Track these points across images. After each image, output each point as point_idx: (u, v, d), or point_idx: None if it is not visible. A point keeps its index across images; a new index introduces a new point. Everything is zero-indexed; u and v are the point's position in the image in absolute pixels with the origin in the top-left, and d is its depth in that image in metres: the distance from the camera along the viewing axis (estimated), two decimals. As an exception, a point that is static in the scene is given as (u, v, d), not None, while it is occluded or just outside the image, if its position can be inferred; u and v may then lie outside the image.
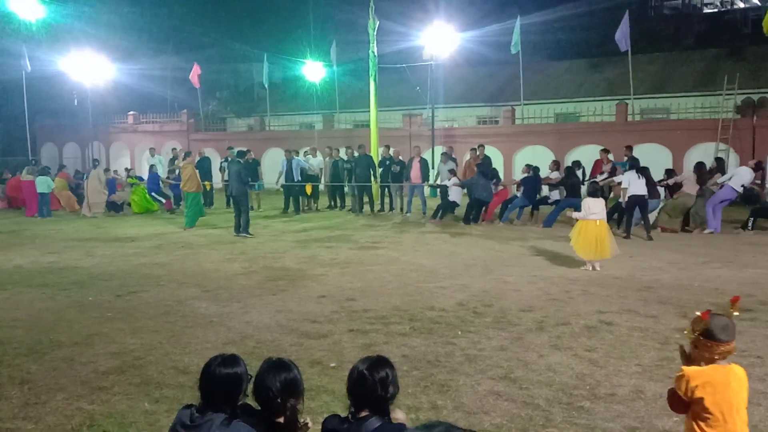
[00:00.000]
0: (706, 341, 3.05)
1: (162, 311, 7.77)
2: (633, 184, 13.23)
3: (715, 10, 47.49)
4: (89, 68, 27.05)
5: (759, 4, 45.40)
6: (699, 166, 14.39)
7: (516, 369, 5.70)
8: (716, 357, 3.05)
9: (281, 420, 2.90)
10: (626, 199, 13.32)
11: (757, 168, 14.10)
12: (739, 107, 21.35)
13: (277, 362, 3.06)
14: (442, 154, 19.51)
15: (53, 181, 19.51)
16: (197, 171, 15.97)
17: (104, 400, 5.10)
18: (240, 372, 2.89)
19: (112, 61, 29.42)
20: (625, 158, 16.92)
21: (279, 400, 2.90)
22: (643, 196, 13.26)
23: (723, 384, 3.02)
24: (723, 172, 14.89)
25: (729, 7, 48.16)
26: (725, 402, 3.02)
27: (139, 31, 36.90)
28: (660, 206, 14.47)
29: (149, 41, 37.22)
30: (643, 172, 14.55)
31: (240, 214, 14.21)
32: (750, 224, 13.71)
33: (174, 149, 24.07)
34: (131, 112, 33.80)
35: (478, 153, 18.41)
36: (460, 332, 6.82)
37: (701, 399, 3.04)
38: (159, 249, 12.58)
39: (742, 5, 48.61)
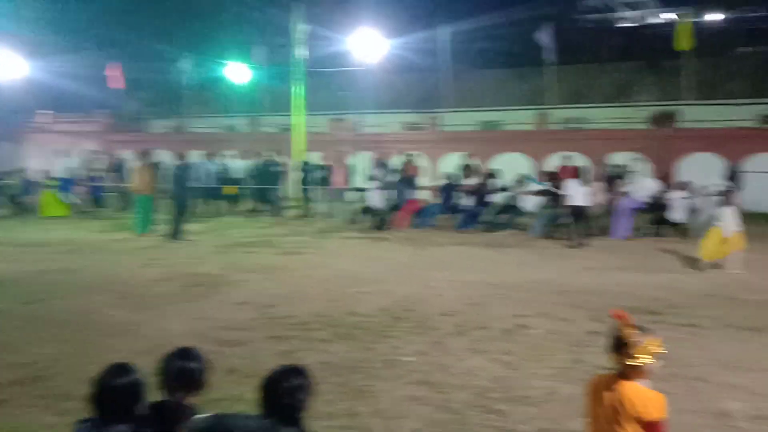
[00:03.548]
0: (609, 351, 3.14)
1: (72, 319, 7.45)
2: (574, 194, 13.32)
3: (632, 24, 49.58)
4: (1, 64, 25.82)
5: (672, 19, 47.64)
6: (606, 176, 14.86)
7: (435, 373, 5.74)
8: (619, 367, 3.09)
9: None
10: (566, 208, 13.46)
11: (663, 180, 14.74)
12: (651, 118, 22.30)
13: (182, 349, 3.00)
14: (373, 160, 19.59)
15: None
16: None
17: (5, 414, 4.86)
18: (137, 378, 2.80)
19: (26, 57, 28.18)
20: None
21: (168, 387, 2.84)
22: (583, 206, 13.35)
23: (604, 392, 3.07)
24: (628, 181, 15.50)
25: (644, 22, 50.37)
26: (600, 410, 3.06)
27: (56, 27, 35.43)
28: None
29: (67, 37, 35.78)
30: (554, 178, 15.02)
31: (177, 219, 13.79)
32: (650, 232, 14.28)
33: (90, 150, 23.23)
34: (46, 111, 32.41)
35: (407, 160, 18.55)
36: (384, 336, 6.86)
37: (588, 399, 3.17)
38: (71, 254, 12.07)
39: (657, 20, 50.91)
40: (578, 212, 13.37)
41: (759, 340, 6.76)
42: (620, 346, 3.01)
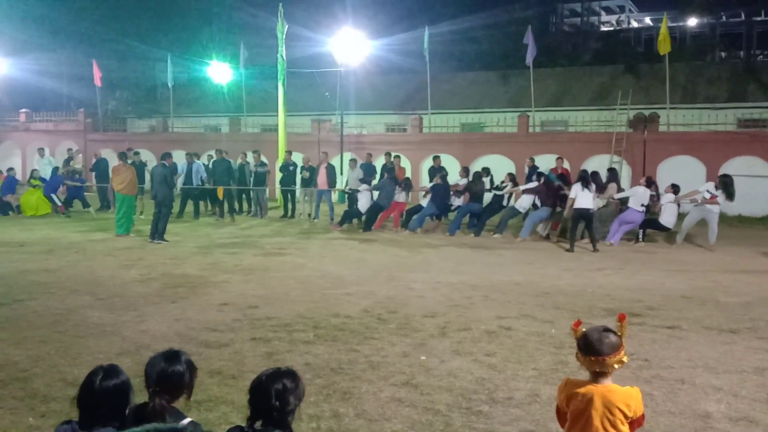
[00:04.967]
0: (577, 353, 3.09)
1: (51, 320, 7.35)
2: (579, 197, 13.18)
3: (612, 28, 50.09)
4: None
5: (651, 24, 48.23)
6: (594, 176, 14.69)
7: (418, 375, 5.74)
8: (591, 370, 3.05)
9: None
10: (571, 211, 13.37)
11: (649, 184, 14.74)
12: (631, 121, 22.50)
13: (167, 352, 2.96)
14: (350, 160, 19.56)
15: None
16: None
17: (-17, 417, 4.77)
18: (125, 380, 2.77)
19: (4, 56, 27.84)
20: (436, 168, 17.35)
21: (151, 390, 2.81)
22: (589, 209, 13.22)
23: (585, 400, 3.01)
24: (617, 182, 15.47)
25: (624, 26, 50.92)
26: (585, 418, 3.01)
27: (35, 24, 35.02)
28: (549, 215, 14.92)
29: (45, 35, 35.39)
30: (548, 179, 14.99)
31: (159, 220, 13.70)
32: (641, 236, 14.32)
33: (69, 149, 22.97)
34: (23, 110, 31.98)
35: (393, 161, 18.57)
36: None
37: (568, 409, 3.09)
38: (49, 254, 11.92)
39: (636, 25, 51.50)
40: (583, 215, 13.32)
41: (740, 342, 6.84)
42: (612, 348, 2.99)
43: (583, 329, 3.09)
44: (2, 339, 6.61)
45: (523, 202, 15.29)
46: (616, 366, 3.01)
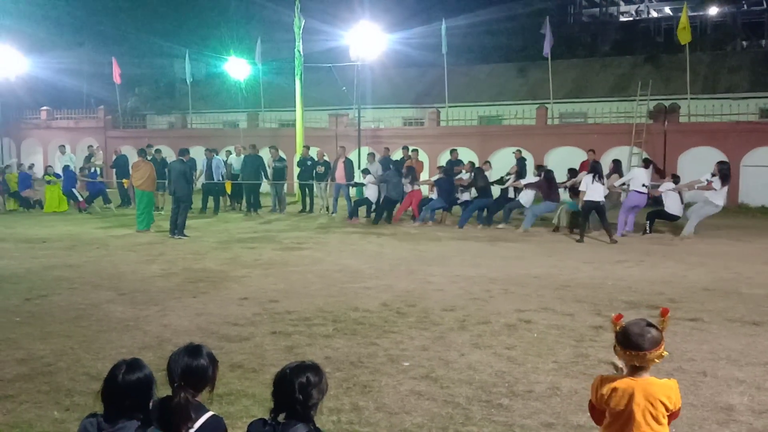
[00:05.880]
0: (616, 345, 3.04)
1: (74, 315, 7.45)
2: (590, 189, 13.14)
3: (631, 18, 49.52)
4: (0, 60, 25.78)
5: (671, 14, 47.62)
6: (595, 166, 14.09)
7: (437, 368, 5.75)
8: (630, 364, 3.00)
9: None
10: (582, 203, 13.34)
11: (647, 165, 14.53)
12: (651, 112, 22.27)
13: (189, 347, 2.97)
14: (368, 154, 19.57)
15: None
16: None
17: (10, 410, 4.84)
18: (147, 374, 2.80)
19: (25, 54, 28.15)
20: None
21: (175, 385, 2.83)
22: (599, 202, 13.15)
23: (625, 395, 2.96)
24: (620, 174, 15.29)
25: (644, 16, 50.31)
26: (626, 413, 2.96)
27: (54, 23, 35.38)
28: (558, 208, 14.84)
29: (65, 33, 35.77)
30: (547, 174, 14.91)
31: (178, 215, 13.84)
32: (648, 228, 14.16)
33: (90, 146, 23.21)
34: (44, 108, 32.36)
35: (410, 155, 18.60)
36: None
37: (607, 406, 3.03)
38: (72, 250, 12.07)
39: (655, 15, 50.87)
40: (593, 207, 13.24)
41: (763, 334, 6.76)
42: (653, 343, 2.94)
43: (623, 323, 3.05)
44: (27, 334, 6.72)
45: (526, 197, 15.24)
46: (656, 361, 2.96)
